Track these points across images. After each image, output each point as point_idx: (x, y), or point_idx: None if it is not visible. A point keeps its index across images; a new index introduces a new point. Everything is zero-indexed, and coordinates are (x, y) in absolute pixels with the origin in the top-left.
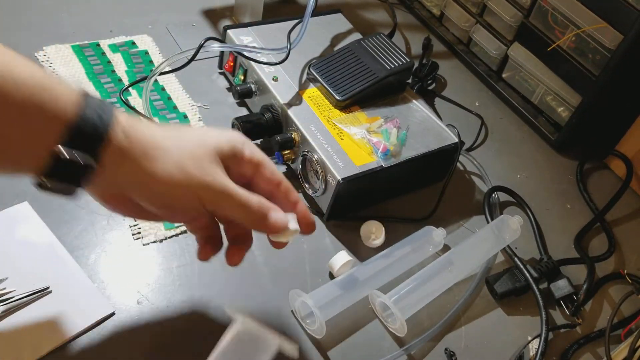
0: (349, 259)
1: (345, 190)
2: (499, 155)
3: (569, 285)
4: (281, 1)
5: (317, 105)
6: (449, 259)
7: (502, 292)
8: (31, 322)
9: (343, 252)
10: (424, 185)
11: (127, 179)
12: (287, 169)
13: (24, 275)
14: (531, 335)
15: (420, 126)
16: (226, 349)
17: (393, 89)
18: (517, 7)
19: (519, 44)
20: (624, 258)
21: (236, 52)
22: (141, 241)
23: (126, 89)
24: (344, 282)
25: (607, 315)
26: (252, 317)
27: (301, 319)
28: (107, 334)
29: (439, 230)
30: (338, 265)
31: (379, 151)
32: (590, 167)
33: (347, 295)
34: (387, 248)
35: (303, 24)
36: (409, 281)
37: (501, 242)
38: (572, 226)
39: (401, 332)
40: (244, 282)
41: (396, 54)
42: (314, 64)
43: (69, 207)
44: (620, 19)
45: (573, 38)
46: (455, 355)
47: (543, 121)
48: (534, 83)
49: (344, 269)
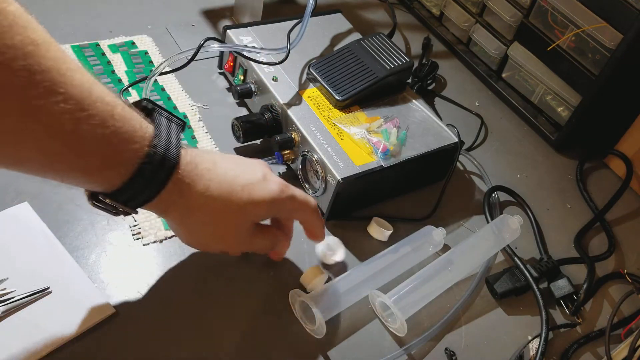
0: (322, 274)
1: (345, 190)
2: (498, 155)
3: (569, 284)
4: (281, 1)
5: (317, 105)
6: (449, 258)
7: (502, 291)
8: (31, 322)
9: (316, 267)
10: (424, 185)
11: (172, 222)
12: (287, 169)
13: (24, 275)
14: (531, 335)
15: (420, 126)
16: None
17: (393, 89)
18: (517, 7)
19: (518, 44)
20: (624, 257)
21: (236, 52)
22: (141, 241)
23: (126, 89)
24: (344, 282)
25: (607, 315)
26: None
27: (301, 318)
28: (107, 334)
29: (439, 229)
30: (312, 280)
31: (379, 151)
32: (590, 166)
33: (347, 295)
34: (387, 248)
35: (303, 24)
36: (409, 281)
37: (501, 242)
38: (572, 226)
39: (401, 332)
40: (245, 283)
41: (396, 54)
42: (313, 64)
43: (69, 207)
44: (619, 19)
45: (573, 38)
46: (456, 355)
47: (543, 121)
48: (533, 83)
49: (318, 283)
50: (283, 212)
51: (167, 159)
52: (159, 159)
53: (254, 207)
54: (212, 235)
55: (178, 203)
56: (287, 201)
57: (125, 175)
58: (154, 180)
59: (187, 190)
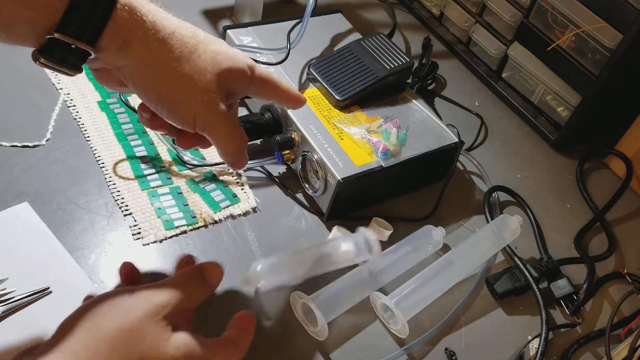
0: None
1: (345, 190)
2: (498, 155)
3: (569, 284)
4: (281, 1)
5: (317, 105)
6: (449, 259)
7: (502, 291)
8: (31, 322)
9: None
10: (424, 185)
11: (128, 70)
12: (287, 169)
13: (24, 275)
14: (531, 335)
15: (420, 126)
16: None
17: (393, 89)
18: (517, 7)
19: (518, 44)
20: (624, 257)
21: None
22: (141, 241)
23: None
24: (345, 284)
25: (607, 315)
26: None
27: (303, 320)
28: None
29: (438, 229)
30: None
31: (379, 151)
32: (590, 166)
33: (349, 296)
34: (387, 248)
35: (303, 24)
36: (410, 282)
37: (501, 242)
38: (572, 226)
39: (403, 333)
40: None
41: (396, 54)
42: (313, 64)
43: (69, 207)
44: (619, 19)
45: (573, 38)
46: (456, 355)
47: (543, 121)
48: (533, 83)
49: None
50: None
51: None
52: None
53: (222, 62)
54: (181, 80)
55: (141, 35)
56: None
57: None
58: (98, 2)
59: (147, 20)
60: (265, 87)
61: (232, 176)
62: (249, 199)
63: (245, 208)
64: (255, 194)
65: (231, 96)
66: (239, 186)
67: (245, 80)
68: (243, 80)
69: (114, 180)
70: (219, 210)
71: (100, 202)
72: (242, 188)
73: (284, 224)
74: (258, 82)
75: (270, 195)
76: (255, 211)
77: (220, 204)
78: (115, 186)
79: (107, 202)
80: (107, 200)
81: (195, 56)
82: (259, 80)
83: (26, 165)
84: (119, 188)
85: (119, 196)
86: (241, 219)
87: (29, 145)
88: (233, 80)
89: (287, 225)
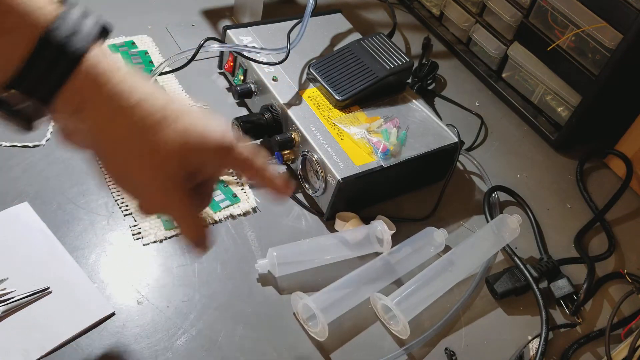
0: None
1: (345, 190)
2: (498, 155)
3: (569, 284)
4: (281, 1)
5: (317, 105)
6: (450, 259)
7: (502, 291)
8: (31, 322)
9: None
10: (424, 185)
11: (83, 134)
12: (287, 169)
13: (24, 275)
14: (531, 335)
15: (420, 126)
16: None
17: (393, 89)
18: (517, 7)
19: (518, 44)
20: (624, 257)
21: (236, 52)
22: (141, 241)
23: None
24: (346, 284)
25: (607, 315)
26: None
27: (303, 321)
28: (107, 334)
29: (440, 231)
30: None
31: (379, 151)
32: (590, 166)
33: (349, 297)
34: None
35: (303, 24)
36: (411, 283)
37: (501, 241)
38: (572, 226)
39: (404, 334)
40: (245, 283)
41: (396, 54)
42: (313, 64)
43: (69, 207)
44: (619, 19)
45: (573, 37)
46: (456, 354)
47: (543, 121)
48: (533, 83)
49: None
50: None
51: (70, 44)
52: (60, 40)
53: (190, 140)
54: (130, 152)
55: (96, 100)
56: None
57: (25, 51)
58: (57, 63)
59: (105, 85)
60: (246, 171)
61: (232, 176)
62: (249, 199)
63: (245, 208)
64: (255, 194)
65: (198, 175)
66: (239, 186)
67: (214, 160)
68: (212, 160)
69: None
70: (219, 210)
71: (100, 202)
72: (242, 188)
73: (284, 224)
74: (235, 163)
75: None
76: (255, 211)
77: (220, 204)
78: (115, 186)
79: (107, 202)
80: (107, 200)
81: (158, 129)
82: (238, 161)
83: (26, 165)
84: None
85: (119, 196)
86: (241, 219)
87: (29, 145)
88: (197, 158)
89: (287, 225)
